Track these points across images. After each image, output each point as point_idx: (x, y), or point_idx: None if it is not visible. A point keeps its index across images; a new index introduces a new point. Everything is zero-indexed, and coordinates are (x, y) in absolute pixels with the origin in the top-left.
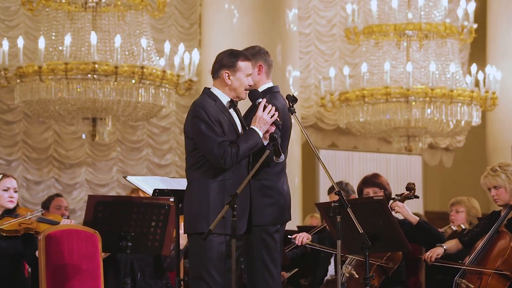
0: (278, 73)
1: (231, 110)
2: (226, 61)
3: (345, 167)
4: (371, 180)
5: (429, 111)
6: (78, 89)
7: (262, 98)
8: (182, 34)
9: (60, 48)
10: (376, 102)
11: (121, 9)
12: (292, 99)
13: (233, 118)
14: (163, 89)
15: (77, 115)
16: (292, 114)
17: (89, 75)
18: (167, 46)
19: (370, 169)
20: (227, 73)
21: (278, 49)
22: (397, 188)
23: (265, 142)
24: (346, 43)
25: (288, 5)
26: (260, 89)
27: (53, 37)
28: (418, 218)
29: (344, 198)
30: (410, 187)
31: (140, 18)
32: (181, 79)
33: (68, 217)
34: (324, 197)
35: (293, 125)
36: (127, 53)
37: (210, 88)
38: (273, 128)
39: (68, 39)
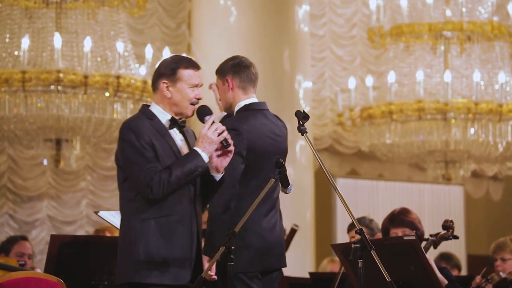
0: (286, 84)
1: (174, 131)
2: (165, 68)
3: (369, 200)
4: (400, 219)
5: (472, 130)
6: (39, 104)
7: (211, 115)
8: (167, 36)
9: (16, 53)
10: (407, 119)
11: (92, 5)
12: (303, 116)
13: (174, 142)
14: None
15: (37, 136)
16: (302, 135)
17: (52, 87)
18: (148, 51)
19: (399, 202)
20: (166, 83)
21: (285, 54)
22: (432, 226)
23: (218, 176)
24: (369, 47)
25: (297, 1)
26: (235, 108)
27: (7, 40)
28: (445, 282)
29: (367, 238)
30: (448, 226)
31: (116, 16)
32: None
33: (25, 264)
34: (342, 236)
35: (304, 148)
36: (99, 59)
37: (149, 105)
38: (227, 159)
39: (25, 42)
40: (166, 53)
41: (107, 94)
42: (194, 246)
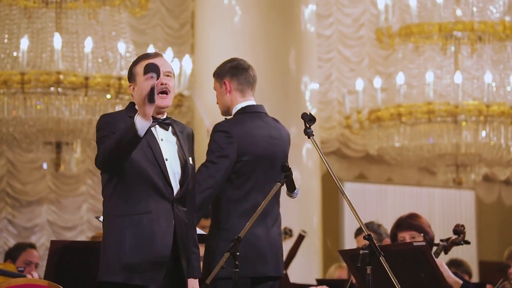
0: (292, 85)
1: (154, 129)
2: (128, 75)
3: (377, 204)
4: (407, 222)
5: (483, 133)
6: (38, 106)
7: (157, 75)
8: (170, 36)
9: (15, 54)
10: (416, 122)
11: (93, 4)
12: (309, 119)
13: (155, 140)
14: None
15: (36, 139)
16: (309, 138)
17: (52, 88)
18: (151, 52)
19: (408, 207)
20: (131, 86)
21: (291, 55)
22: (443, 231)
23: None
24: (378, 47)
25: (303, 0)
26: (233, 111)
27: (5, 40)
28: (460, 282)
29: (376, 243)
30: (459, 230)
31: (117, 16)
32: None
33: (23, 270)
34: (350, 242)
35: (311, 151)
36: (100, 60)
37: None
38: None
39: (25, 43)
40: (169, 54)
41: (108, 96)
42: (170, 246)
